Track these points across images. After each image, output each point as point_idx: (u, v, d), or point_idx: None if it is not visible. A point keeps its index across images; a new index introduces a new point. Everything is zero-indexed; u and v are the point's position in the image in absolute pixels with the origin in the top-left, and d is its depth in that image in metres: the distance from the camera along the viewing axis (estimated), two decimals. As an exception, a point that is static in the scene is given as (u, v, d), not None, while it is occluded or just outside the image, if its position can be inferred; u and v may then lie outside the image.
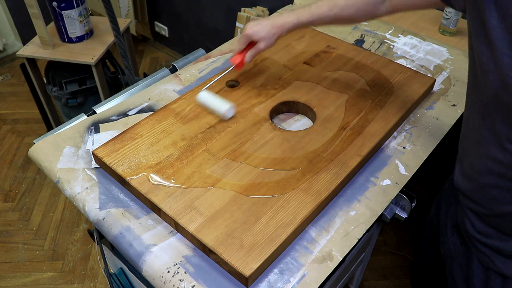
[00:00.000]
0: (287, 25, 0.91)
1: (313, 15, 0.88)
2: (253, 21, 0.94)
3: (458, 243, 0.83)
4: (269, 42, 0.93)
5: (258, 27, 0.92)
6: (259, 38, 0.93)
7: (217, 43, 1.32)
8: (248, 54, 0.96)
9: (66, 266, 1.70)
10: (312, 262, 0.72)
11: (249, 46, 0.96)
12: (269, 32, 0.91)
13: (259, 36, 0.92)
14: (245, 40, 0.95)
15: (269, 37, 0.92)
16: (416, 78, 1.07)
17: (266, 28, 0.91)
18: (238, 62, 0.97)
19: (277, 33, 0.92)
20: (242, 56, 0.97)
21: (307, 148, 0.88)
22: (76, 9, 1.77)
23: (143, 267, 0.72)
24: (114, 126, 0.99)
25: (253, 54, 0.96)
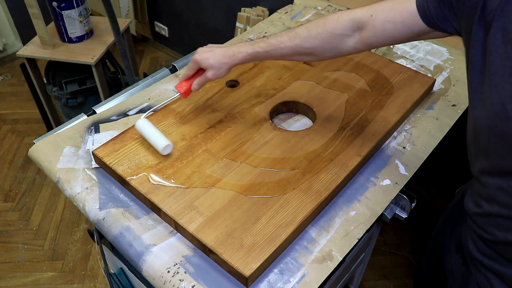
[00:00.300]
0: (240, 55, 0.82)
1: (270, 45, 0.81)
2: (206, 47, 0.86)
3: (460, 263, 0.81)
4: (219, 72, 0.84)
5: (209, 54, 0.84)
6: (208, 66, 0.84)
7: (217, 43, 1.32)
8: (195, 82, 0.88)
9: (66, 266, 1.70)
10: (312, 262, 0.72)
11: (198, 72, 0.88)
12: (219, 61, 0.83)
13: (208, 64, 0.84)
14: (194, 66, 0.87)
15: (219, 67, 0.84)
16: (416, 78, 1.07)
17: (217, 56, 0.83)
18: (184, 90, 0.88)
19: (228, 63, 0.83)
20: (189, 83, 0.88)
21: (307, 148, 0.88)
22: (76, 9, 1.77)
23: (143, 267, 0.72)
24: (114, 126, 0.99)
25: (201, 83, 0.88)
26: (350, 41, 0.77)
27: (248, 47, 0.82)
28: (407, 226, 1.83)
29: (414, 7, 0.69)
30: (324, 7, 1.47)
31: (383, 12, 0.72)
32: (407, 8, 0.70)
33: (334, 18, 0.77)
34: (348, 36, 0.76)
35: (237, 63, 0.83)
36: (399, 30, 0.72)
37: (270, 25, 1.38)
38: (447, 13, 0.66)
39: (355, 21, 0.75)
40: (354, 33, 0.76)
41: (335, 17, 0.77)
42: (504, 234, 0.66)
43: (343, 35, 0.76)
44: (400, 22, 0.71)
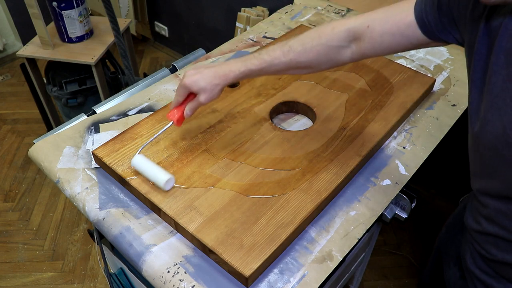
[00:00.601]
0: (232, 74, 0.76)
1: (264, 62, 0.75)
2: (193, 69, 0.78)
3: (458, 276, 0.80)
4: (211, 95, 0.77)
5: (198, 76, 0.77)
6: (199, 90, 0.77)
7: (217, 43, 1.32)
8: (187, 108, 0.80)
9: (66, 266, 1.70)
10: (312, 262, 0.72)
11: (189, 97, 0.81)
12: (211, 82, 0.76)
13: (199, 87, 0.77)
14: (183, 91, 0.79)
15: (211, 89, 0.77)
16: (416, 78, 1.07)
17: (207, 78, 0.76)
18: (177, 118, 0.81)
19: (220, 83, 0.77)
20: (181, 110, 0.81)
21: (307, 148, 0.88)
22: (76, 9, 1.77)
23: (143, 267, 0.72)
24: (114, 126, 0.99)
25: (193, 108, 0.80)
26: (346, 52, 0.74)
27: (240, 64, 0.76)
28: (407, 226, 1.83)
29: (412, 18, 0.66)
30: (324, 7, 1.47)
31: (380, 23, 0.69)
32: (405, 19, 0.67)
33: (329, 29, 0.73)
34: (345, 47, 0.73)
35: (229, 82, 0.78)
36: (397, 41, 0.69)
37: (270, 25, 1.38)
38: (448, 25, 0.64)
39: (351, 32, 0.72)
40: (350, 44, 0.73)
41: (329, 28, 0.74)
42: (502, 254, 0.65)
43: (339, 46, 0.73)
44: (399, 33, 0.68)
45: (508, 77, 0.52)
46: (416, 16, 0.66)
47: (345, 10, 1.45)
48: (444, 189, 1.89)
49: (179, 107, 0.81)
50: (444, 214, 1.85)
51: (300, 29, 1.28)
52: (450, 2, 0.62)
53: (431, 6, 0.64)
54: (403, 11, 0.67)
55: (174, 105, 0.82)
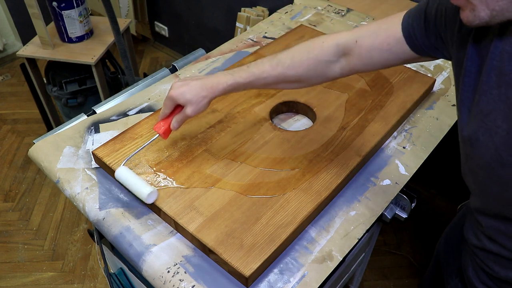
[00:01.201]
0: (220, 86, 0.75)
1: (252, 75, 0.74)
2: (180, 81, 0.77)
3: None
4: (198, 107, 0.76)
5: (185, 88, 0.75)
6: (186, 102, 0.76)
7: (217, 43, 1.32)
8: (174, 120, 0.79)
9: (66, 266, 1.70)
10: (312, 262, 0.72)
11: (177, 110, 0.79)
12: (197, 95, 0.75)
13: (186, 99, 0.75)
14: (170, 103, 0.78)
15: (197, 101, 0.75)
16: (416, 78, 1.07)
17: (194, 90, 0.75)
18: (163, 131, 0.80)
19: (207, 96, 0.75)
20: (168, 122, 0.80)
21: (307, 148, 0.88)
22: (76, 9, 1.77)
23: (143, 267, 0.72)
24: (114, 126, 0.99)
25: (180, 120, 0.79)
26: (335, 67, 0.73)
27: (228, 77, 0.75)
28: (407, 226, 1.83)
29: (400, 34, 0.66)
30: (324, 7, 1.47)
31: (369, 38, 0.69)
32: (393, 35, 0.66)
33: (319, 44, 0.73)
34: (334, 62, 0.72)
35: (217, 95, 0.76)
36: (385, 57, 0.68)
37: (270, 25, 1.38)
38: (435, 41, 0.63)
39: (340, 47, 0.71)
40: (339, 58, 0.72)
41: (319, 42, 0.73)
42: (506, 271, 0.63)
43: (329, 61, 0.72)
44: (387, 49, 0.67)
45: (499, 97, 0.51)
46: (403, 32, 0.65)
47: (345, 10, 1.45)
48: (444, 189, 1.89)
49: (166, 120, 0.80)
50: (444, 214, 1.85)
51: (300, 29, 1.28)
52: (437, 18, 0.62)
53: (418, 21, 0.64)
54: (391, 26, 0.67)
55: (161, 118, 0.80)
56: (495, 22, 0.48)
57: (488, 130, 0.53)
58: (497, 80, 0.51)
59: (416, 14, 0.64)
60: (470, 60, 0.55)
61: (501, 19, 0.47)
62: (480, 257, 0.68)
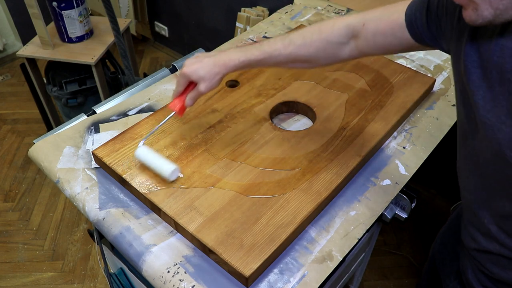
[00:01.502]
0: (232, 63, 0.76)
1: (264, 53, 0.75)
2: (193, 58, 0.78)
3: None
4: (211, 83, 0.77)
5: (198, 65, 0.76)
6: (199, 78, 0.76)
7: (217, 43, 1.32)
8: (188, 97, 0.80)
9: (66, 266, 1.70)
10: (312, 262, 0.72)
11: (190, 87, 0.80)
12: (210, 71, 0.75)
13: (199, 76, 0.76)
14: (184, 80, 0.78)
15: (210, 78, 0.76)
16: (416, 78, 1.07)
17: (206, 67, 0.76)
18: (178, 108, 0.81)
19: (220, 72, 0.76)
20: (182, 100, 0.81)
21: (307, 148, 0.88)
22: (76, 9, 1.77)
23: (143, 267, 0.72)
24: (114, 126, 0.99)
25: (194, 97, 0.79)
26: (345, 49, 0.74)
27: (240, 54, 0.76)
28: (407, 226, 1.83)
29: (402, 21, 0.66)
30: (324, 7, 1.47)
31: (375, 22, 0.69)
32: (396, 21, 0.67)
33: (329, 25, 0.74)
34: (344, 44, 0.73)
35: (229, 71, 0.77)
36: (389, 42, 0.69)
37: (270, 25, 1.38)
38: (435, 32, 0.63)
39: (350, 29, 0.72)
40: (349, 40, 0.73)
41: (330, 24, 0.74)
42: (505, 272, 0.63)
43: (339, 43, 0.73)
44: (390, 34, 0.68)
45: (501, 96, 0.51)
46: (406, 20, 0.66)
47: (345, 10, 1.45)
48: (444, 189, 1.89)
49: (180, 97, 0.81)
50: (444, 214, 1.85)
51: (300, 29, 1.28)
52: (438, 9, 0.62)
53: (421, 10, 0.64)
54: (396, 12, 0.67)
55: (175, 96, 0.82)
56: (499, 22, 0.48)
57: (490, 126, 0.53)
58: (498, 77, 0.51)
59: (420, 3, 0.65)
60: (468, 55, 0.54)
61: (505, 18, 0.47)
62: (479, 260, 0.68)
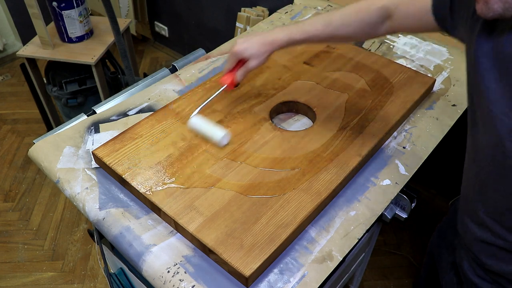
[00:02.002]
0: (279, 42, 0.83)
1: (307, 33, 0.82)
2: (242, 37, 0.86)
3: (454, 282, 0.80)
4: (260, 60, 0.85)
5: (248, 44, 0.84)
6: (249, 56, 0.85)
7: (217, 43, 1.32)
8: (238, 73, 0.88)
9: (66, 266, 1.70)
10: (312, 262, 0.72)
11: (239, 64, 0.89)
12: (259, 49, 0.84)
13: (249, 54, 0.85)
14: (235, 58, 0.87)
15: (260, 55, 0.85)
16: (416, 78, 1.07)
17: (256, 45, 0.84)
18: (229, 82, 0.90)
19: (268, 50, 0.84)
20: (232, 75, 0.90)
21: (307, 148, 0.88)
22: (76, 9, 1.77)
23: (143, 267, 0.72)
24: (114, 126, 0.99)
25: (243, 73, 0.88)
26: (381, 28, 0.79)
27: (285, 33, 0.83)
28: (407, 226, 1.83)
29: (429, 6, 0.70)
30: (324, 7, 1.47)
31: (405, 5, 0.75)
32: (424, 7, 0.71)
33: (366, 6, 0.78)
34: (379, 24, 0.78)
35: (275, 49, 0.85)
36: (417, 24, 0.75)
37: (270, 25, 1.38)
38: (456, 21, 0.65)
39: (384, 10, 0.77)
40: (384, 20, 0.78)
41: (367, 5, 0.79)
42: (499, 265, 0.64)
43: (375, 23, 0.78)
44: (418, 18, 0.73)
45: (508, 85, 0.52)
46: (432, 5, 0.70)
47: (345, 10, 1.45)
48: (444, 189, 1.89)
49: (230, 73, 0.90)
50: (444, 214, 1.84)
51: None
52: None
53: None
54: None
55: (226, 71, 0.90)
56: (509, 15, 0.49)
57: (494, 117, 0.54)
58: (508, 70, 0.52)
59: None
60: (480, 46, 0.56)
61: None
62: (473, 251, 0.69)
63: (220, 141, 0.86)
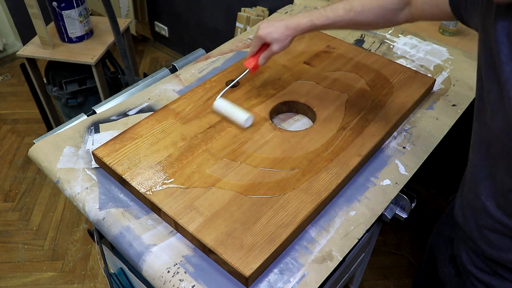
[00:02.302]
0: (302, 26, 0.85)
1: (329, 19, 0.83)
2: (265, 22, 0.89)
3: (453, 274, 0.81)
4: (283, 44, 0.88)
5: (271, 28, 0.87)
6: (273, 40, 0.87)
7: (217, 43, 1.32)
8: (261, 56, 0.91)
9: (66, 266, 1.70)
10: (312, 262, 0.72)
11: (262, 48, 0.92)
12: (283, 34, 0.86)
13: (273, 38, 0.87)
14: (258, 42, 0.90)
15: (283, 39, 0.87)
16: (416, 78, 1.07)
17: (279, 29, 0.86)
18: (252, 66, 0.93)
19: (291, 34, 0.86)
20: (256, 59, 0.93)
21: (307, 148, 0.88)
22: (76, 9, 1.77)
23: (143, 267, 0.72)
24: (114, 126, 0.99)
25: (266, 57, 0.91)
26: (401, 15, 0.80)
27: (308, 19, 0.84)
28: (407, 226, 1.83)
29: None
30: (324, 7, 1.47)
31: None
32: None
33: None
34: (400, 10, 0.80)
35: (298, 34, 0.87)
36: (434, 12, 0.76)
37: (270, 25, 1.38)
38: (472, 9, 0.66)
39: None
40: (405, 6, 0.79)
41: None
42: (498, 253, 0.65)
43: (396, 9, 0.79)
44: (435, 5, 0.74)
45: None
46: None
47: (345, 10, 1.45)
48: (444, 189, 1.89)
49: (254, 57, 0.93)
50: (444, 214, 1.85)
51: None
52: None
53: None
54: None
55: (250, 55, 0.93)
56: None
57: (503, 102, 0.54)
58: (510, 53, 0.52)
59: None
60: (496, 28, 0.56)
61: None
62: (473, 239, 0.69)
63: (244, 123, 0.90)
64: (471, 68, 1.18)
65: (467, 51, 1.25)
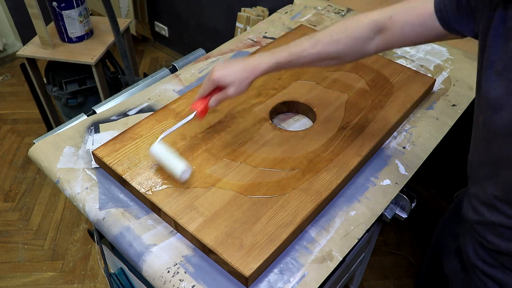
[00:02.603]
0: (261, 67, 0.77)
1: (292, 54, 0.76)
2: (221, 64, 0.80)
3: (458, 269, 0.81)
4: (240, 88, 0.78)
5: (227, 70, 0.78)
6: (228, 83, 0.78)
7: (217, 43, 1.32)
8: (213, 98, 0.80)
9: (66, 266, 1.70)
10: (312, 262, 0.72)
11: (215, 91, 0.81)
12: (239, 76, 0.77)
13: (228, 81, 0.78)
14: (211, 84, 0.80)
15: (240, 82, 0.78)
16: (416, 78, 1.07)
17: (236, 72, 0.77)
18: (200, 110, 0.81)
19: (249, 77, 0.78)
20: (206, 102, 0.81)
21: (307, 148, 0.88)
22: (76, 9, 1.77)
23: (143, 267, 0.72)
24: (114, 126, 0.99)
25: (219, 100, 0.80)
26: (372, 44, 0.75)
27: (269, 57, 0.78)
28: (407, 226, 1.83)
29: (432, 11, 0.68)
30: (324, 7, 1.47)
31: (402, 14, 0.71)
32: (425, 11, 0.68)
33: (355, 22, 0.75)
34: (370, 39, 0.74)
35: (258, 75, 0.78)
36: (417, 33, 0.71)
37: (270, 25, 1.38)
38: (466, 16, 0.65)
39: (376, 24, 0.73)
40: (375, 35, 0.74)
41: (355, 20, 0.75)
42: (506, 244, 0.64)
43: (365, 38, 0.74)
44: (419, 25, 0.70)
45: None
46: (435, 8, 0.67)
47: (345, 10, 1.45)
48: (444, 189, 1.89)
49: (203, 99, 0.82)
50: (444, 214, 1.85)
51: (300, 29, 1.28)
52: None
53: None
54: (424, 3, 0.69)
55: (199, 97, 0.82)
56: None
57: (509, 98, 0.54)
58: None
59: None
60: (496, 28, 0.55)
61: None
62: (479, 232, 0.69)
63: (180, 176, 0.79)
64: (471, 68, 1.18)
65: (467, 51, 1.25)
